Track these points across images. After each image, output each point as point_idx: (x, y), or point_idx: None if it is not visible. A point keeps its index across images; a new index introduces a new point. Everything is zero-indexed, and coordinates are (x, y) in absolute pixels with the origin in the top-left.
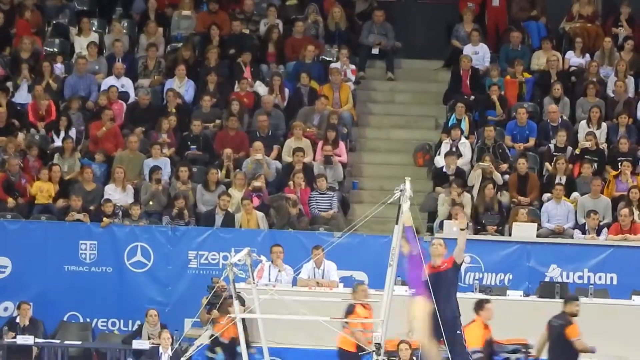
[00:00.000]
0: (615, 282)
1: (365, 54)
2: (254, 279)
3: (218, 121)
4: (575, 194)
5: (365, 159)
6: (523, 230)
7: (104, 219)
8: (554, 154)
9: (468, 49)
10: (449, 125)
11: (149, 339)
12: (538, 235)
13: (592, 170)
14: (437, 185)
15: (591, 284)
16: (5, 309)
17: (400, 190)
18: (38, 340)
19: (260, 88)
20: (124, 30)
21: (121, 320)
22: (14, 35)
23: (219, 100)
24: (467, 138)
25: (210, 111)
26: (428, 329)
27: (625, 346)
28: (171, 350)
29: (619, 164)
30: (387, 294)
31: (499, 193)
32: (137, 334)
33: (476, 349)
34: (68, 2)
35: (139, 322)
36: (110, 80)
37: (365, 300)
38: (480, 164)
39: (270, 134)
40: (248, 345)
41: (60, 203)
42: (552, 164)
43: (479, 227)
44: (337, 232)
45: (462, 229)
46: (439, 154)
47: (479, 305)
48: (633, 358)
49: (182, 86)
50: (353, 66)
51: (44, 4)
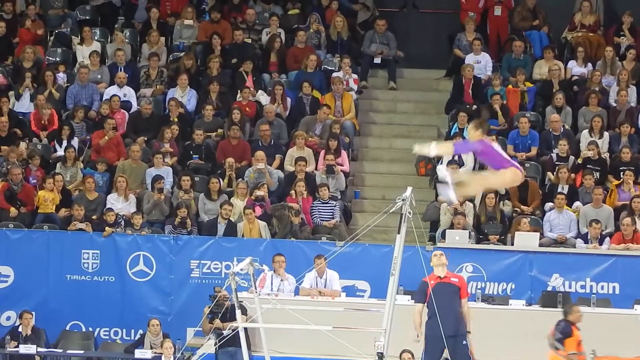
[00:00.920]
0: (617, 292)
1: (367, 64)
2: (256, 289)
3: (220, 130)
4: (577, 204)
5: (367, 169)
6: (525, 240)
7: (106, 228)
8: (556, 163)
9: (470, 58)
10: (451, 134)
11: (151, 348)
12: (540, 245)
13: (594, 180)
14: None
15: (593, 294)
16: (8, 318)
17: (402, 200)
18: (40, 349)
19: (263, 97)
20: (126, 40)
21: (123, 330)
22: (16, 44)
23: (221, 110)
24: None
25: (213, 120)
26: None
27: (627, 355)
28: (173, 359)
29: (621, 173)
30: (390, 304)
31: (501, 202)
32: (140, 344)
33: None
34: (70, 12)
35: (141, 332)
36: (113, 90)
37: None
38: (482, 173)
39: (272, 143)
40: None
41: (63, 212)
42: (554, 173)
43: (481, 237)
44: (339, 242)
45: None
46: (441, 163)
47: (568, 309)
48: None
49: (184, 95)
50: (355, 75)
51: (46, 13)
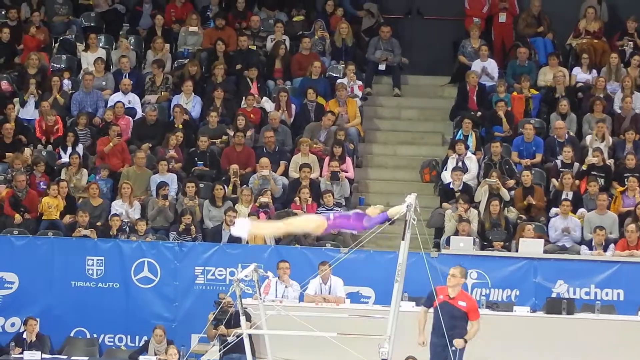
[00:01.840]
0: (622, 298)
1: (371, 70)
2: (260, 295)
3: (225, 137)
4: (581, 210)
5: (371, 175)
6: (530, 246)
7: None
8: (561, 170)
9: (477, 65)
10: (456, 140)
11: (156, 354)
12: (545, 251)
13: (599, 186)
14: (444, 201)
15: (598, 300)
16: (12, 325)
17: (407, 206)
18: (45, 356)
19: (267, 104)
20: (131, 47)
21: (128, 336)
22: (21, 51)
23: (225, 116)
24: (474, 154)
25: (217, 127)
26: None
27: None
28: None
29: (626, 180)
30: (394, 310)
31: (506, 209)
32: (144, 350)
33: None
34: (75, 18)
35: (145, 338)
36: (117, 96)
37: None
38: (487, 180)
39: (277, 150)
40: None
41: (67, 219)
42: (559, 180)
43: (485, 243)
44: (344, 248)
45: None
46: (446, 170)
47: None
48: None
49: (189, 102)
50: (360, 82)
51: (51, 20)
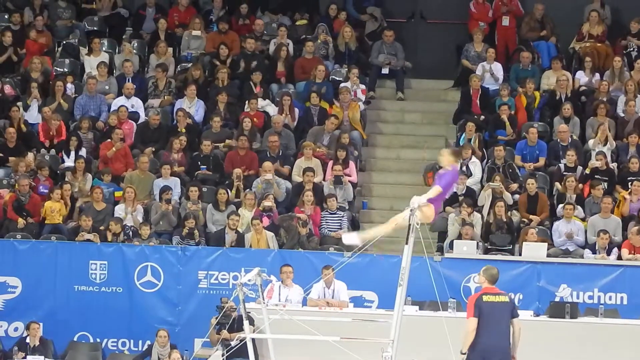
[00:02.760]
0: (625, 302)
1: (375, 74)
2: (264, 299)
3: (228, 141)
4: (579, 213)
5: (375, 179)
6: (533, 250)
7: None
8: (564, 173)
9: (482, 68)
10: (459, 144)
11: (159, 359)
12: (548, 255)
13: (603, 190)
14: (447, 205)
15: (601, 304)
16: (16, 329)
17: (410, 210)
18: None
19: (270, 108)
20: (134, 51)
21: (131, 341)
22: (24, 55)
23: (228, 120)
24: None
25: (220, 131)
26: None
27: None
28: None
29: (630, 183)
30: (397, 314)
31: (509, 212)
32: (147, 354)
33: None
34: (78, 23)
35: (149, 342)
36: (121, 100)
37: None
38: (490, 184)
39: (280, 153)
40: None
41: (71, 223)
42: (562, 183)
43: (489, 247)
44: (347, 252)
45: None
46: None
47: None
48: None
49: (192, 106)
50: (363, 86)
51: (54, 24)
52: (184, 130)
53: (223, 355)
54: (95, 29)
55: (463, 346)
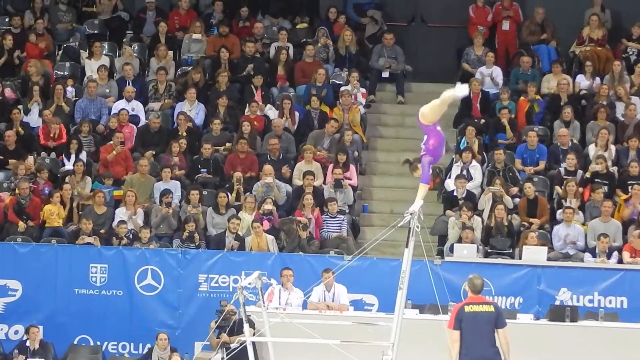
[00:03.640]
0: (625, 306)
1: (375, 78)
2: (264, 302)
3: (228, 144)
4: (578, 217)
5: (375, 182)
6: (533, 254)
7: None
8: (564, 177)
9: (482, 71)
10: (460, 148)
11: None
12: (548, 259)
13: (603, 194)
14: (448, 208)
15: (601, 308)
16: (16, 332)
17: (411, 214)
18: None
19: (271, 111)
20: (135, 54)
21: (131, 344)
22: (25, 58)
23: (229, 124)
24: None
25: (221, 134)
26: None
27: None
28: None
29: (630, 187)
30: (397, 318)
31: (509, 216)
32: (148, 357)
33: None
34: (79, 26)
35: (149, 346)
36: (121, 104)
37: None
38: (490, 187)
39: (280, 157)
40: None
41: (71, 226)
42: (563, 187)
43: (489, 251)
44: (348, 256)
45: None
46: (449, 177)
47: None
48: None
49: (193, 109)
50: (363, 89)
51: (54, 27)
52: (184, 133)
53: (223, 358)
54: (95, 32)
55: (452, 358)
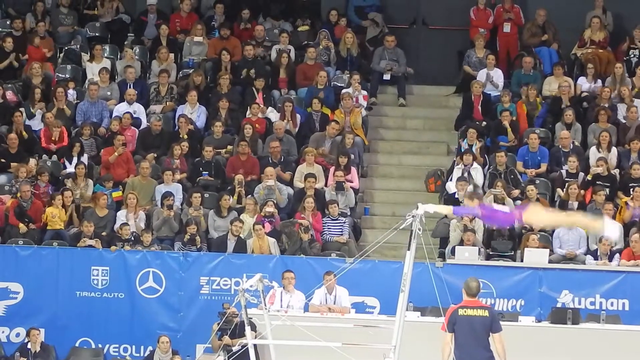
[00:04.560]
0: (627, 308)
1: (376, 80)
2: (265, 305)
3: (230, 147)
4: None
5: (377, 185)
6: (535, 256)
7: (113, 247)
8: (566, 179)
9: (483, 74)
10: (461, 151)
11: None
12: (550, 261)
13: (605, 196)
14: None
15: (603, 310)
16: (17, 335)
17: (412, 216)
18: None
19: (272, 114)
20: (136, 57)
21: (133, 346)
22: (26, 61)
23: (230, 126)
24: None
25: (222, 137)
26: None
27: None
28: None
29: (631, 189)
30: (399, 320)
31: None
32: None
33: None
34: (80, 29)
35: (150, 348)
36: (122, 107)
37: None
38: (492, 190)
39: (282, 159)
40: None
41: (72, 229)
42: (564, 189)
43: (490, 253)
44: (349, 258)
45: None
46: (451, 180)
47: None
48: None
49: (194, 112)
50: (365, 92)
51: (56, 30)
52: (185, 136)
53: None
54: (97, 35)
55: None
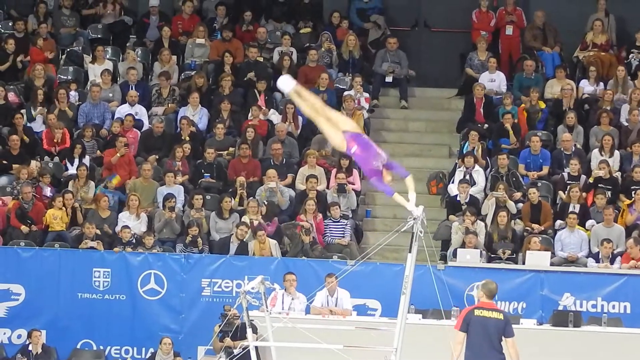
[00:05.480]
0: (629, 311)
1: (378, 82)
2: (267, 307)
3: (232, 149)
4: (591, 222)
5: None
6: (536, 259)
7: (116, 249)
8: (568, 182)
9: (485, 77)
10: (463, 153)
11: None
12: (551, 264)
13: (606, 199)
14: (451, 213)
15: (605, 313)
16: (19, 337)
17: (414, 218)
18: None
19: (274, 116)
20: (138, 58)
21: (134, 348)
22: (28, 62)
23: (232, 128)
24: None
25: (224, 139)
26: None
27: None
28: None
29: (633, 192)
30: (401, 322)
31: (513, 221)
32: None
33: None
34: (82, 30)
35: (152, 350)
36: (124, 108)
37: None
38: (494, 192)
39: (284, 162)
40: None
41: (74, 230)
42: (566, 192)
43: (492, 256)
44: (351, 260)
45: None
46: (453, 182)
47: None
48: None
49: (196, 114)
50: (366, 94)
51: (58, 31)
52: (187, 138)
53: None
54: (99, 36)
55: (452, 358)
